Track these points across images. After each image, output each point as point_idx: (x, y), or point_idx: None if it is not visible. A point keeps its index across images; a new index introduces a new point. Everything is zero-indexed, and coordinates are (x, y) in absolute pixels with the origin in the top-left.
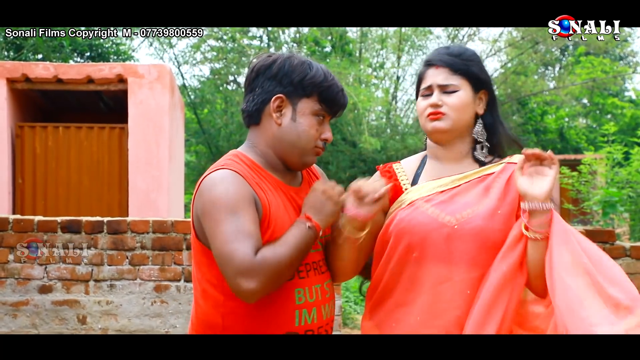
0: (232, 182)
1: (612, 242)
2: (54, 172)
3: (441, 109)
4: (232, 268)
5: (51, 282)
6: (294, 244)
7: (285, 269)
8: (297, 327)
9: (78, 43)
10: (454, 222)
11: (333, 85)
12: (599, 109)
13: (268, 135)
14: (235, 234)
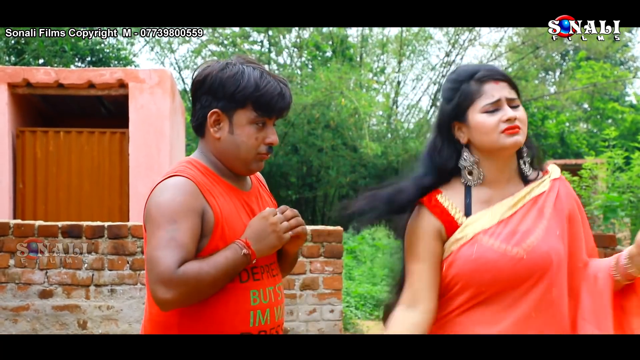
0: (182, 191)
1: (613, 247)
2: (54, 177)
3: (516, 121)
4: (153, 274)
5: (52, 287)
6: (222, 265)
7: (206, 287)
8: (251, 327)
9: (79, 48)
10: (522, 252)
11: (266, 91)
12: (600, 114)
13: (212, 147)
14: (166, 242)
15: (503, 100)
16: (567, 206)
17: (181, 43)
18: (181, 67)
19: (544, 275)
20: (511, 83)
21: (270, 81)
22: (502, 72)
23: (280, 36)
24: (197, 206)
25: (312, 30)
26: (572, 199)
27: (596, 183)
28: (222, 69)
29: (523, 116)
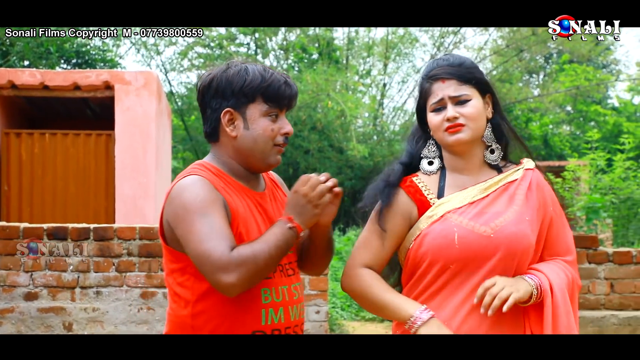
0: (201, 186)
1: (595, 248)
2: (40, 179)
3: (459, 120)
4: (210, 266)
5: (37, 289)
6: (273, 242)
7: (263, 265)
8: (263, 326)
9: (65, 50)
10: (489, 231)
11: (272, 82)
12: (582, 116)
13: (228, 148)
14: (208, 234)
15: (446, 99)
16: (537, 196)
17: (167, 45)
18: (167, 69)
19: (509, 255)
20: (462, 78)
21: (273, 72)
22: (454, 67)
23: (267, 38)
24: (219, 198)
25: (299, 32)
26: (544, 192)
27: (579, 184)
28: (225, 70)
29: (469, 112)
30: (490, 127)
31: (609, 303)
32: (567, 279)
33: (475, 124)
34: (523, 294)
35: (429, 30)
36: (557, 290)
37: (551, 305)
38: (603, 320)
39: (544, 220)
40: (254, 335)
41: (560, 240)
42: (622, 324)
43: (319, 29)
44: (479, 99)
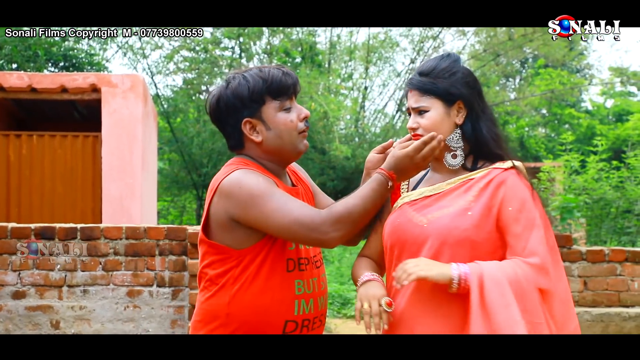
0: (254, 175)
1: (569, 247)
2: (27, 180)
3: (418, 131)
4: (304, 231)
5: (24, 287)
6: (371, 195)
7: (358, 217)
8: (295, 315)
9: (52, 53)
10: (425, 221)
11: (273, 78)
12: (557, 119)
13: (257, 151)
14: (288, 206)
15: (411, 110)
16: (491, 194)
17: (153, 49)
18: (153, 72)
19: (440, 245)
20: (422, 90)
21: (270, 69)
22: (421, 76)
23: (251, 42)
24: (272, 181)
25: (282, 37)
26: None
27: (554, 185)
28: (226, 87)
29: (424, 124)
30: (460, 133)
31: (583, 300)
32: (515, 275)
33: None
34: (434, 274)
35: (409, 35)
36: (490, 282)
37: (478, 295)
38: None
39: (500, 218)
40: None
41: (520, 241)
42: (595, 320)
43: (302, 33)
44: (440, 109)
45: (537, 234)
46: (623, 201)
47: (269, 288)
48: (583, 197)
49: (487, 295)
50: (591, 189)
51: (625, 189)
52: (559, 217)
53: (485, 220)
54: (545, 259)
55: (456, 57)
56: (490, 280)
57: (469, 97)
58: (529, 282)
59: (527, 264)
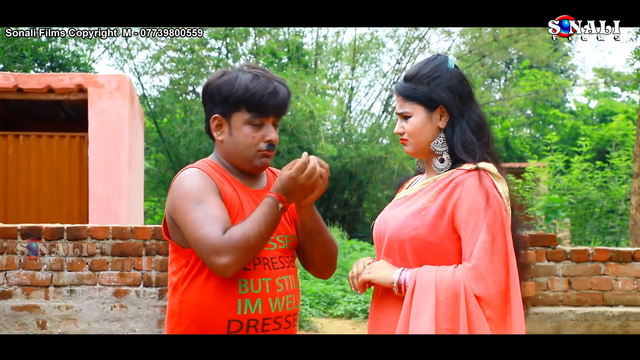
0: (197, 177)
1: (553, 247)
2: (14, 180)
3: (403, 135)
4: (205, 250)
5: (11, 287)
6: (264, 220)
7: (254, 243)
8: (239, 315)
9: (39, 54)
10: (388, 219)
11: (256, 92)
12: (542, 120)
13: (220, 149)
14: (203, 220)
15: (398, 114)
16: (447, 196)
17: (140, 49)
18: (140, 72)
19: (392, 243)
20: (405, 96)
21: (261, 83)
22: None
23: (238, 43)
24: (215, 187)
25: (269, 37)
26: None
27: (538, 185)
28: (219, 76)
29: (408, 129)
30: (443, 137)
31: (567, 299)
32: (450, 280)
33: (415, 138)
34: (376, 277)
35: (395, 35)
36: (421, 286)
37: (409, 299)
38: (561, 316)
39: (454, 220)
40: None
41: (468, 245)
42: (579, 319)
43: (288, 34)
44: (422, 114)
45: (481, 239)
46: (607, 201)
47: (212, 287)
48: (567, 197)
49: (414, 300)
50: (575, 189)
51: (609, 189)
52: (544, 217)
53: (439, 221)
54: (482, 265)
55: (442, 60)
56: (420, 284)
57: (449, 101)
58: (459, 286)
59: (466, 269)
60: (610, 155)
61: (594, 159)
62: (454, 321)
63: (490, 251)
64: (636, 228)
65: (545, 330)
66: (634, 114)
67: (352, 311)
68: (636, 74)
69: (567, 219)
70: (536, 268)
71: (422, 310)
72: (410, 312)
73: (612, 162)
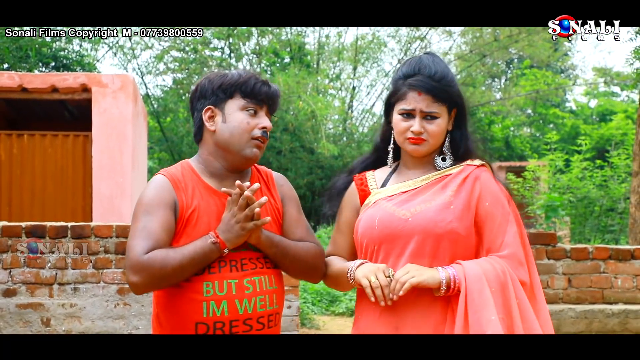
0: (157, 187)
1: (553, 245)
2: (18, 179)
3: (423, 135)
4: (127, 262)
5: (15, 285)
6: (190, 253)
7: (171, 272)
8: (205, 318)
9: (43, 54)
10: (408, 215)
11: (249, 79)
12: (542, 119)
13: (209, 144)
14: (140, 232)
15: (417, 111)
16: (470, 189)
17: (144, 49)
18: (144, 72)
19: (426, 238)
20: (437, 96)
21: (253, 73)
22: (434, 81)
23: (240, 43)
24: (170, 199)
25: (271, 37)
26: (479, 186)
27: (538, 184)
28: (208, 75)
29: (434, 130)
30: (449, 139)
31: (567, 297)
32: (494, 271)
33: (436, 140)
34: (426, 279)
35: (397, 35)
36: (472, 282)
37: (464, 297)
38: (561, 314)
39: (478, 213)
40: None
41: (497, 236)
42: (579, 317)
43: (291, 34)
44: (446, 116)
45: (511, 230)
46: (606, 200)
47: (179, 290)
48: (567, 195)
49: (469, 296)
50: (575, 188)
51: (608, 188)
52: (544, 215)
53: (466, 214)
54: (520, 253)
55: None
56: (472, 280)
57: (463, 106)
58: (508, 276)
59: (503, 257)
60: (609, 154)
61: (594, 157)
62: (506, 310)
63: (521, 240)
64: (635, 226)
65: None
66: (634, 114)
67: (353, 309)
68: (636, 73)
69: (567, 218)
70: (536, 266)
71: (482, 304)
72: (467, 308)
73: (612, 161)
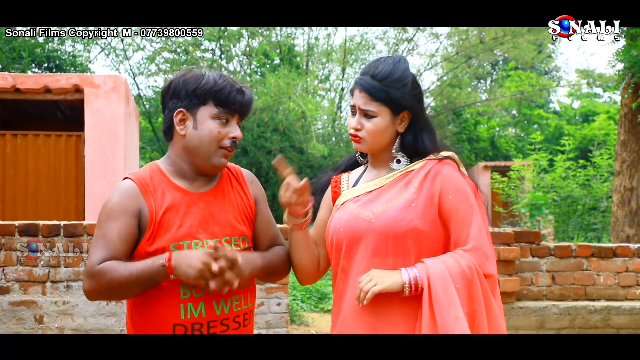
0: (122, 192)
1: (538, 243)
2: (12, 178)
3: (360, 132)
4: (84, 268)
5: (9, 283)
6: (137, 272)
7: (117, 287)
8: (183, 319)
9: (36, 55)
10: (371, 216)
11: (224, 87)
12: (527, 120)
13: (178, 146)
14: (99, 240)
15: (357, 108)
16: (431, 185)
17: (136, 50)
18: (135, 73)
19: (387, 238)
20: (374, 95)
21: (228, 81)
22: (375, 80)
23: (231, 45)
24: (133, 207)
25: (262, 39)
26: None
27: (523, 183)
28: (184, 74)
29: (371, 127)
30: (400, 140)
31: (551, 294)
32: (460, 267)
33: (374, 139)
34: (388, 285)
35: (385, 37)
36: (436, 280)
37: (428, 297)
38: (545, 310)
39: (442, 208)
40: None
41: (462, 229)
42: (563, 313)
43: (280, 36)
44: (387, 117)
45: (476, 222)
46: (589, 199)
47: (156, 293)
48: (551, 194)
49: (434, 295)
50: (559, 187)
51: (591, 187)
52: (528, 213)
53: (428, 211)
54: (485, 245)
55: (407, 64)
56: (436, 278)
57: (416, 109)
58: (472, 270)
59: (469, 252)
60: (592, 154)
61: (577, 157)
62: (471, 305)
63: (485, 232)
64: (617, 224)
65: (530, 324)
66: (616, 114)
67: None
68: (618, 75)
69: (550, 216)
70: (521, 264)
71: (447, 302)
72: (433, 307)
73: (595, 160)
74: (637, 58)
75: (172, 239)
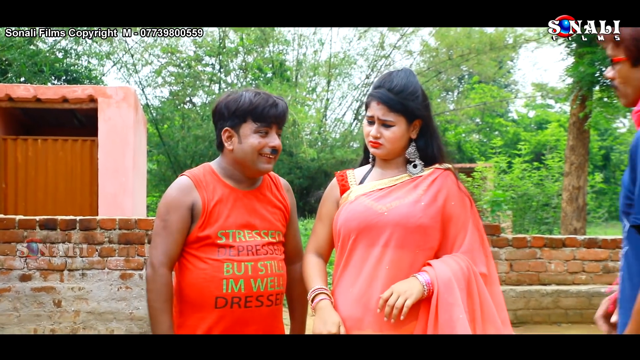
0: (178, 188)
1: (497, 235)
2: (33, 179)
3: (380, 140)
4: (151, 253)
5: (30, 271)
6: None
7: (150, 301)
8: (224, 293)
9: (55, 69)
10: (384, 209)
11: (259, 105)
12: (489, 127)
13: (228, 158)
14: (160, 229)
15: (376, 119)
16: (438, 188)
17: (144, 65)
18: (144, 85)
19: (398, 230)
20: (392, 108)
21: (262, 97)
22: (392, 93)
23: (229, 60)
24: (187, 201)
25: (256, 55)
26: (445, 187)
27: (485, 183)
28: (226, 97)
29: (390, 135)
30: (415, 146)
31: (509, 279)
32: (462, 270)
33: (392, 145)
34: (416, 296)
35: (365, 54)
36: (444, 283)
37: (436, 299)
38: (504, 294)
39: (445, 210)
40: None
41: (460, 233)
42: (519, 296)
43: (273, 52)
44: (403, 125)
45: (472, 228)
46: (542, 196)
47: (201, 270)
48: (510, 192)
49: (441, 297)
50: (516, 186)
51: (544, 186)
52: (490, 209)
53: (431, 206)
54: (478, 249)
55: (416, 76)
56: (443, 282)
57: (427, 117)
58: (470, 271)
59: (466, 254)
60: (545, 157)
61: (532, 160)
62: (469, 303)
63: (479, 237)
64: (566, 219)
65: None
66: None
67: None
68: (567, 88)
69: (509, 211)
70: None
71: (452, 303)
72: (438, 308)
73: (547, 163)
74: (584, 74)
75: (221, 227)
